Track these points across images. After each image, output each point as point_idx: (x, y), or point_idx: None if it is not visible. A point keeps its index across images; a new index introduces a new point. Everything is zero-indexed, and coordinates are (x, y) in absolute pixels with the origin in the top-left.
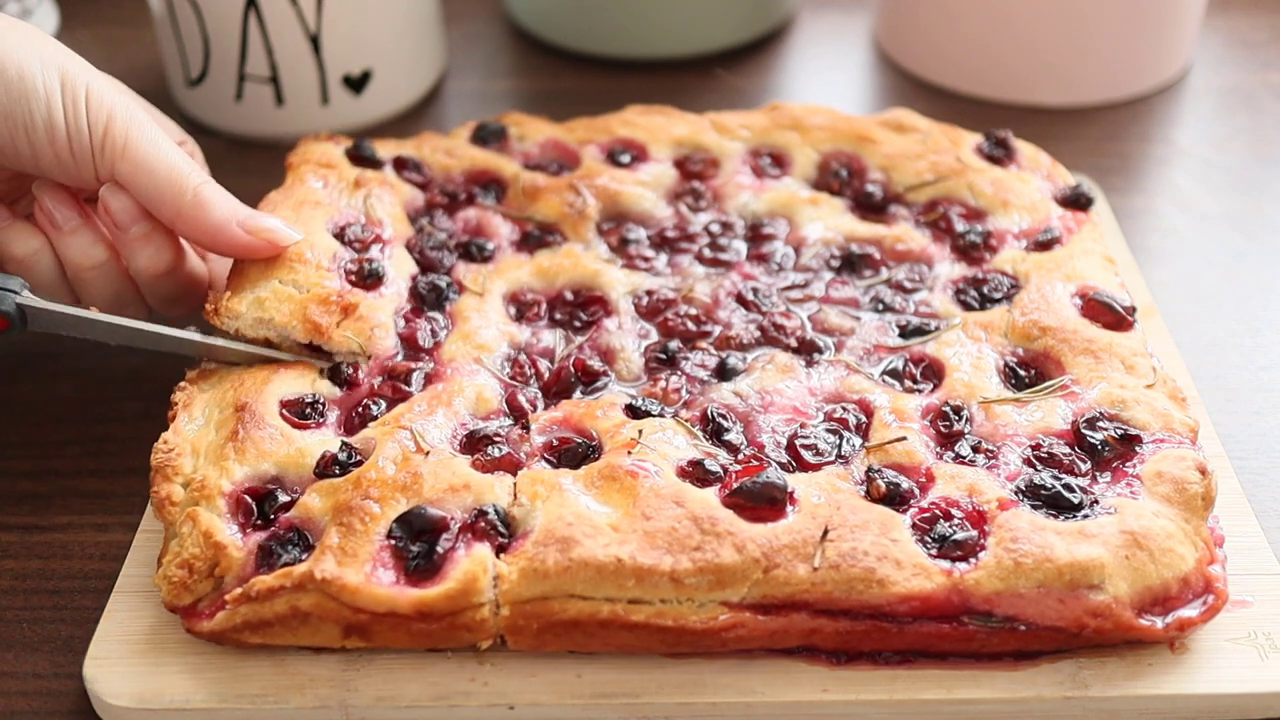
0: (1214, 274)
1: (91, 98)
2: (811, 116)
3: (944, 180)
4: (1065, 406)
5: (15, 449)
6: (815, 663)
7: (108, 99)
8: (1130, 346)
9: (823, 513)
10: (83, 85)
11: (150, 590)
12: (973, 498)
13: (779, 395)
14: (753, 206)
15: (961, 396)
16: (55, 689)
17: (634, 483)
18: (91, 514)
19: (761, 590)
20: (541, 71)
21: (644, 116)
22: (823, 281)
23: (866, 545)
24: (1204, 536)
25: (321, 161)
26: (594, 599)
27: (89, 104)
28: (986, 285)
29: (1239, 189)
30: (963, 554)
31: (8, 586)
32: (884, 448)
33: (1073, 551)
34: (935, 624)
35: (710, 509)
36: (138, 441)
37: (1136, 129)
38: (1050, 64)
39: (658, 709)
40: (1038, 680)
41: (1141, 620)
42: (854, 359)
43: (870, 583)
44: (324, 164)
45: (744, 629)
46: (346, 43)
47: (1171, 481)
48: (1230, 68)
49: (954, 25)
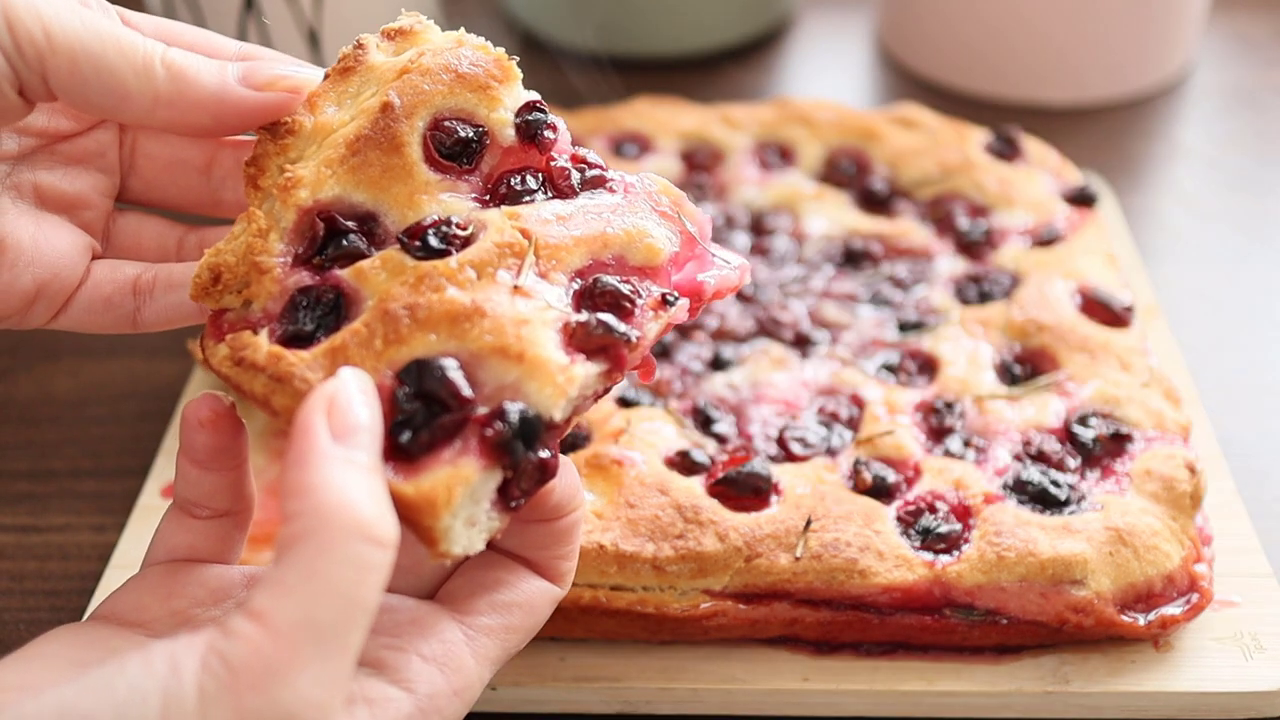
0: (1216, 273)
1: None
2: (819, 111)
3: (949, 176)
4: (1058, 403)
5: (13, 449)
6: (797, 652)
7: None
8: (1127, 344)
9: (807, 503)
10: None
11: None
12: (959, 492)
13: (771, 387)
14: (757, 200)
15: (955, 391)
16: None
17: (620, 471)
18: (89, 515)
19: (743, 579)
20: (540, 70)
21: (652, 108)
22: (823, 275)
23: (849, 536)
24: (1191, 535)
25: None
26: (576, 585)
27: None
28: (986, 281)
29: (1242, 188)
30: (946, 547)
31: (5, 588)
32: (873, 441)
33: (1056, 546)
34: (917, 615)
35: (694, 498)
36: (136, 443)
37: (1140, 128)
38: (1053, 60)
39: (639, 693)
40: (1019, 674)
41: (1124, 617)
42: (849, 353)
43: (852, 573)
44: None
45: (725, 617)
46: (346, 40)
47: (1160, 479)
48: (1234, 67)
49: (956, 22)
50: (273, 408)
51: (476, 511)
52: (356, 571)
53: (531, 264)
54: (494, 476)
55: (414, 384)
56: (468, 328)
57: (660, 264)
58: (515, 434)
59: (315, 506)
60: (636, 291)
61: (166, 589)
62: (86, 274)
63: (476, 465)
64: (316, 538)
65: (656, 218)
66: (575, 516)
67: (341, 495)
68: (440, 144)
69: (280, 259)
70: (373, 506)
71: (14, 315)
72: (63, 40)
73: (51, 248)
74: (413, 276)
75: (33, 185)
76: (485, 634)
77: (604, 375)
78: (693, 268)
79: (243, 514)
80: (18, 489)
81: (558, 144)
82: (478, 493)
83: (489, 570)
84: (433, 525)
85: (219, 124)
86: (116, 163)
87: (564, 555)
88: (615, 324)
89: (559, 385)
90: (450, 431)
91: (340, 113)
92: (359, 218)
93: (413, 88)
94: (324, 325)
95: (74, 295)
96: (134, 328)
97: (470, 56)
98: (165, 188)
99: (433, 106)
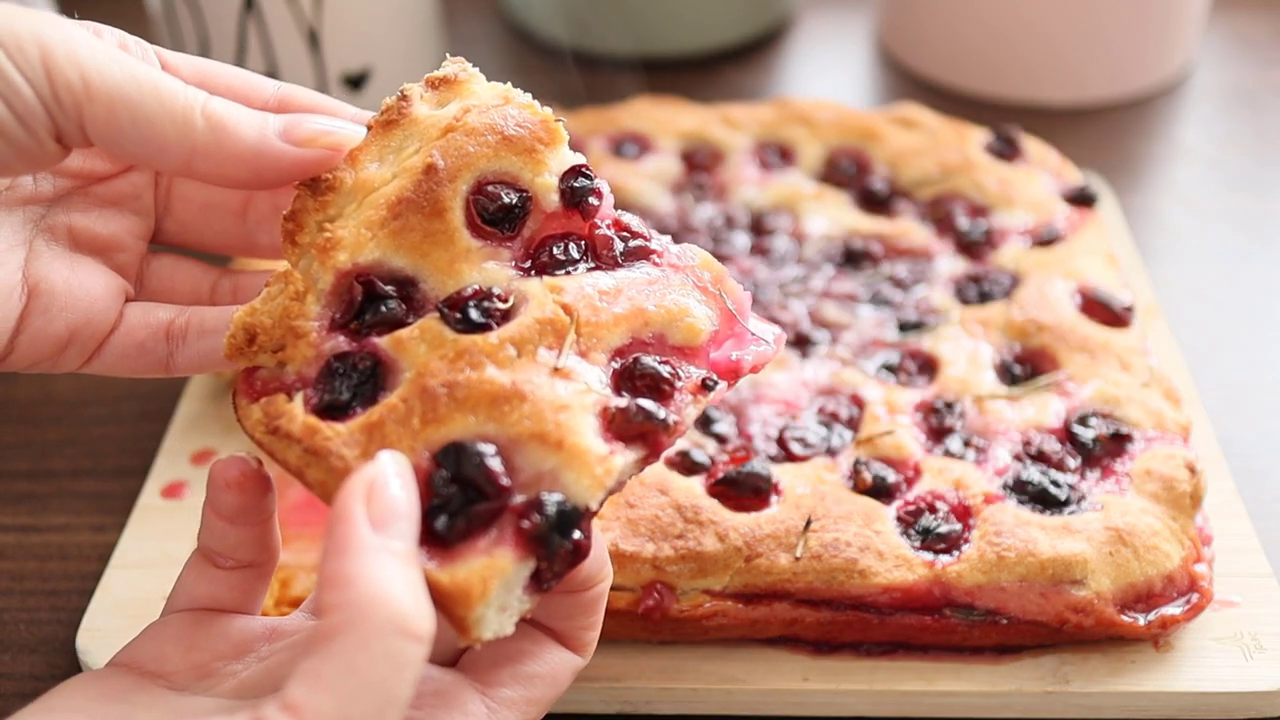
0: (1216, 273)
1: (6, 42)
2: (819, 111)
3: (950, 176)
4: (1058, 403)
5: (13, 449)
6: (797, 652)
7: (26, 33)
8: (1127, 344)
9: (807, 503)
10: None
11: (145, 564)
12: (959, 492)
13: (771, 387)
14: (757, 200)
15: (955, 391)
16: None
17: None
18: (89, 515)
19: (743, 579)
20: (540, 69)
21: (652, 108)
22: (823, 275)
23: (849, 536)
24: (1191, 535)
25: None
26: None
27: (8, 51)
28: (986, 281)
29: (1242, 188)
30: (946, 547)
31: (4, 588)
32: (873, 441)
33: (1056, 546)
34: (917, 615)
35: (694, 498)
36: (136, 443)
37: (1139, 128)
38: (1053, 60)
39: (639, 693)
40: (1019, 674)
41: (1123, 616)
42: (849, 353)
43: (852, 573)
44: None
45: (725, 617)
46: (346, 40)
47: (1160, 479)
48: (1234, 67)
49: (956, 23)
50: (307, 480)
51: (509, 599)
52: (393, 668)
53: (572, 343)
54: (528, 566)
55: (451, 468)
56: (507, 410)
57: (700, 344)
58: (552, 527)
59: (354, 599)
60: (676, 374)
61: (189, 640)
62: (119, 318)
63: (512, 556)
64: (356, 632)
65: (698, 295)
66: (602, 588)
67: (381, 589)
68: (483, 209)
69: (316, 322)
70: (412, 600)
71: (46, 360)
72: (101, 88)
73: (85, 292)
74: (452, 351)
75: (67, 228)
76: (507, 706)
77: (640, 461)
78: (730, 345)
79: (267, 565)
80: (18, 489)
81: (601, 210)
82: (512, 583)
83: (513, 641)
84: (465, 615)
85: (257, 178)
86: (151, 205)
87: (588, 625)
88: (654, 410)
89: (597, 477)
90: (487, 520)
91: (382, 169)
92: (398, 283)
93: (457, 149)
94: (360, 395)
95: (107, 340)
96: (166, 372)
97: (516, 117)
98: (200, 230)
99: (477, 170)
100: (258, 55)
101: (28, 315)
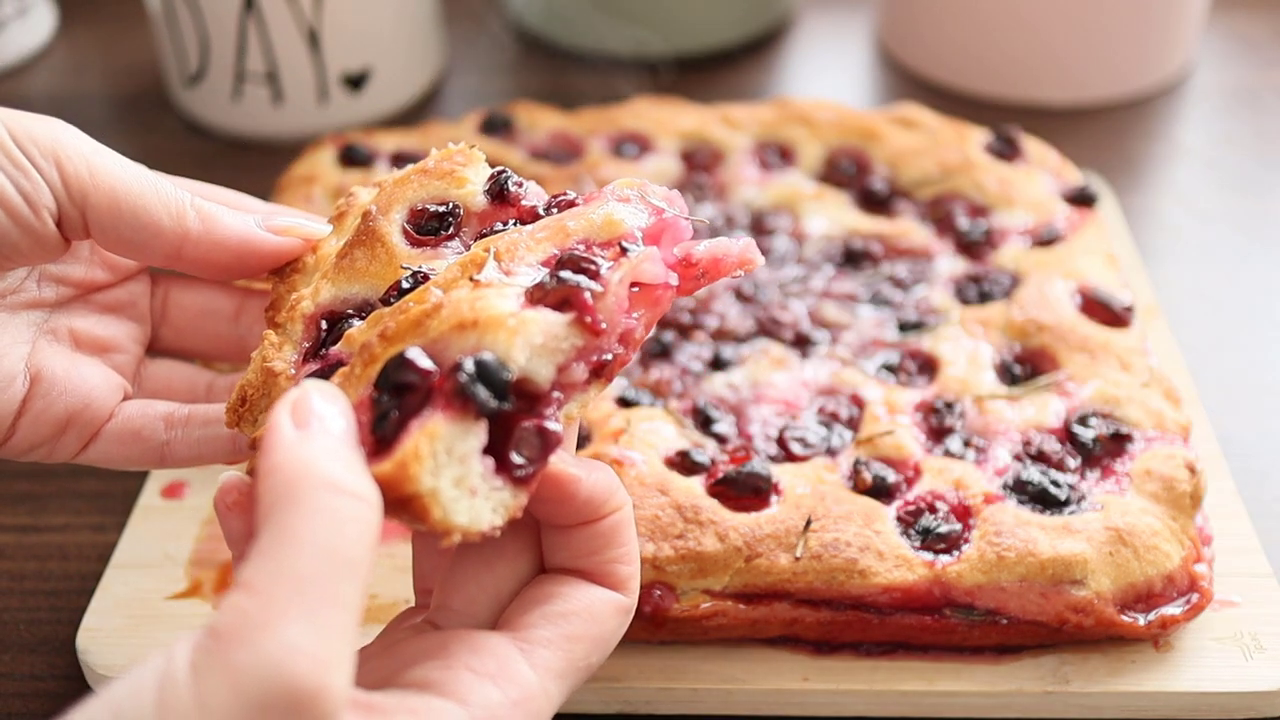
0: (1216, 273)
1: (19, 133)
2: (819, 111)
3: (950, 176)
4: (1058, 403)
5: None
6: (797, 652)
7: (40, 129)
8: (1127, 344)
9: (807, 503)
10: (2, 127)
11: (145, 564)
12: (959, 491)
13: (771, 387)
14: (757, 200)
15: (955, 391)
16: (52, 690)
17: (620, 471)
18: (89, 515)
19: (743, 579)
20: (541, 69)
21: (652, 108)
22: (823, 275)
23: (849, 536)
24: (1191, 535)
25: (306, 177)
26: None
27: (19, 141)
28: (986, 281)
29: (1242, 188)
30: (946, 547)
31: (4, 588)
32: (873, 441)
33: (1056, 546)
34: (917, 615)
35: (694, 498)
36: None
37: (1139, 128)
38: (1053, 60)
39: (639, 693)
40: (1019, 674)
41: (1124, 617)
42: (849, 353)
43: (852, 573)
44: (308, 179)
45: (725, 617)
46: (346, 40)
47: (1160, 479)
48: (1234, 67)
49: (956, 23)
50: None
51: (466, 472)
52: (331, 523)
53: (493, 266)
54: (468, 429)
55: (384, 383)
56: (430, 324)
57: (624, 232)
58: (472, 378)
59: (282, 476)
60: (593, 251)
61: None
62: (117, 409)
63: (441, 418)
64: (285, 500)
65: (617, 203)
66: (619, 517)
67: (306, 463)
68: (417, 225)
69: (290, 360)
70: (339, 465)
71: (44, 445)
72: (105, 179)
73: (84, 379)
74: (385, 314)
75: (69, 330)
76: (542, 645)
77: (575, 325)
78: (669, 240)
79: None
80: (18, 489)
81: (528, 195)
82: (454, 447)
83: (542, 587)
84: (416, 491)
85: (240, 264)
86: (148, 312)
87: (618, 559)
88: (569, 276)
89: (511, 328)
90: (417, 405)
91: (336, 242)
92: (356, 306)
93: (387, 194)
94: None
95: (104, 427)
96: (161, 462)
97: (435, 155)
98: (195, 336)
99: (406, 200)
100: (258, 55)
101: (30, 399)
